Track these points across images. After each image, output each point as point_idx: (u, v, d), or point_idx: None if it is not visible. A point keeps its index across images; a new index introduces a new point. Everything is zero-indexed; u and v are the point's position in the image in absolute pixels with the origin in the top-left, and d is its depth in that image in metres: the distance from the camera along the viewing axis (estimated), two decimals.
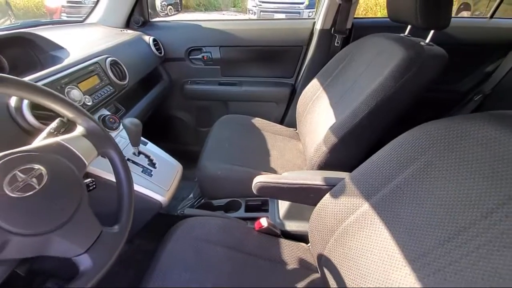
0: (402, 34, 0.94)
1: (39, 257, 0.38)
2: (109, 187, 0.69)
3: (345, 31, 1.23)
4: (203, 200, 1.07)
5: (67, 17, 5.20)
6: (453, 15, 0.78)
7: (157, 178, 0.79)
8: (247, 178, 0.86)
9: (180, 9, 1.50)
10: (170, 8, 1.54)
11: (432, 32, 0.81)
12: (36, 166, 0.38)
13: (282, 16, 6.08)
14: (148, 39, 1.21)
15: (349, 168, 0.68)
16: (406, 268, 0.46)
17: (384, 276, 0.49)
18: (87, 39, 0.96)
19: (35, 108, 0.56)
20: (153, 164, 0.82)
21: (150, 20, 1.33)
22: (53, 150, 0.42)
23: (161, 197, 0.77)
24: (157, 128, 1.54)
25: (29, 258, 0.37)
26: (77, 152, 0.45)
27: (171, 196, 0.80)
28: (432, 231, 0.45)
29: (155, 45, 1.23)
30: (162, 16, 1.38)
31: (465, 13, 4.74)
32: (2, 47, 0.74)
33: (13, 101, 0.54)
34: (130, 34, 1.14)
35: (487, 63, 1.37)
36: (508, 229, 0.37)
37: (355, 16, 1.30)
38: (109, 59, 0.85)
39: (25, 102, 0.54)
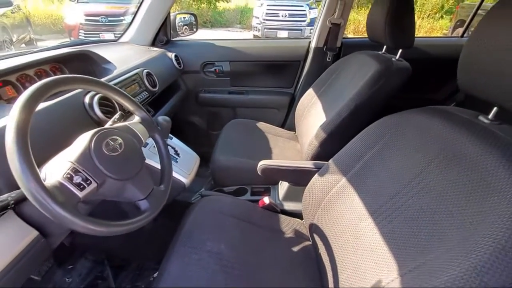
0: (380, 52, 1.16)
1: (79, 232, 0.55)
2: (148, 169, 0.89)
3: (335, 48, 1.46)
4: (215, 189, 1.26)
5: (85, 34, 5.58)
6: (450, 32, 0.97)
7: (181, 164, 0.99)
8: (252, 169, 1.05)
9: (195, 30, 1.74)
10: (186, 28, 1.78)
11: (400, 50, 1.03)
12: (118, 138, 0.58)
13: (285, 33, 6.30)
14: (171, 55, 1.44)
15: None
16: (368, 219, 0.65)
17: (354, 227, 0.68)
18: (125, 54, 1.19)
19: (101, 105, 0.77)
20: (177, 154, 1.02)
21: (171, 39, 1.58)
22: (124, 129, 0.63)
23: (184, 179, 0.96)
24: (173, 131, 1.76)
25: (73, 233, 0.54)
26: (137, 133, 0.66)
27: (192, 179, 0.99)
28: (385, 192, 0.64)
29: (176, 60, 1.46)
30: (180, 36, 1.62)
31: (460, 30, 5.00)
32: (65, 61, 0.97)
33: (87, 99, 0.75)
34: (156, 51, 1.38)
35: None
36: (428, 183, 0.56)
37: (344, 36, 1.53)
38: (145, 71, 1.08)
39: (95, 99, 0.75)
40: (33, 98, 0.46)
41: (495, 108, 0.55)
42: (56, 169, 0.48)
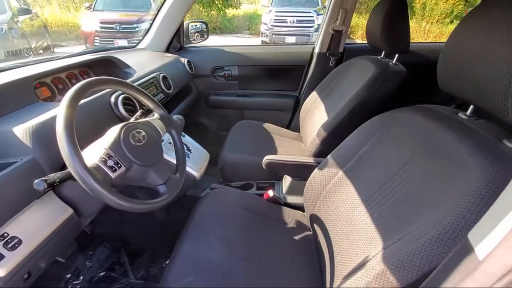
0: (378, 56, 1.23)
1: (99, 222, 0.61)
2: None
3: (338, 54, 1.54)
4: (223, 184, 1.34)
5: (100, 40, 5.82)
6: None
7: (192, 160, 1.08)
8: (258, 165, 1.14)
9: (206, 37, 1.85)
10: (197, 35, 1.89)
11: (397, 55, 1.10)
12: (142, 131, 0.68)
13: (293, 39, 6.43)
14: (184, 60, 1.55)
15: None
16: (361, 206, 0.72)
17: (349, 214, 0.75)
18: (142, 60, 1.30)
19: (124, 104, 0.87)
20: (189, 150, 1.12)
21: (184, 46, 1.69)
22: (146, 124, 0.73)
23: (196, 173, 1.05)
24: (185, 131, 1.86)
25: (94, 221, 0.63)
26: (157, 127, 0.75)
27: (202, 173, 1.08)
28: (376, 181, 0.71)
29: (188, 65, 1.57)
30: (192, 42, 1.73)
31: None
32: (92, 66, 1.08)
33: (112, 98, 0.85)
34: (171, 56, 1.49)
35: None
36: (412, 171, 0.63)
37: (352, 42, 1.61)
38: (161, 74, 1.18)
39: (120, 99, 0.86)
40: (77, 96, 0.56)
41: (472, 106, 0.62)
42: (93, 154, 0.58)
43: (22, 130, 0.60)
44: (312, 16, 6.32)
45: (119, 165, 0.59)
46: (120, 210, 1.03)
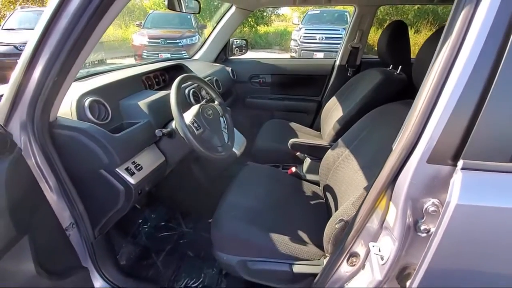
0: (387, 68, 1.51)
1: (161, 187, 0.96)
2: None
3: (355, 66, 1.84)
4: None
5: (147, 54, 6.57)
6: None
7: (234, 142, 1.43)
8: (284, 151, 1.45)
9: (245, 51, 2.25)
10: (237, 49, 2.31)
11: (400, 66, 1.38)
12: (210, 110, 1.04)
13: (321, 54, 6.76)
14: (228, 69, 1.95)
15: None
16: (360, 172, 1.00)
17: (350, 179, 1.03)
18: (199, 67, 1.71)
19: (193, 95, 1.25)
20: None
21: (228, 57, 2.10)
22: (211, 107, 1.09)
23: (237, 151, 1.39)
24: None
25: (159, 186, 0.99)
26: (217, 110, 1.11)
27: (241, 152, 1.42)
28: (369, 155, 1.00)
29: (231, 72, 1.96)
30: (235, 55, 2.14)
31: None
32: (167, 70, 1.49)
33: (186, 91, 1.24)
34: (218, 66, 1.90)
35: None
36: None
37: (371, 56, 1.91)
38: (214, 78, 1.57)
39: (191, 92, 1.24)
40: (180, 83, 0.93)
41: None
42: (186, 119, 0.94)
43: (142, 103, 0.99)
44: (341, 34, 6.60)
45: (199, 127, 0.95)
46: (176, 179, 1.39)
